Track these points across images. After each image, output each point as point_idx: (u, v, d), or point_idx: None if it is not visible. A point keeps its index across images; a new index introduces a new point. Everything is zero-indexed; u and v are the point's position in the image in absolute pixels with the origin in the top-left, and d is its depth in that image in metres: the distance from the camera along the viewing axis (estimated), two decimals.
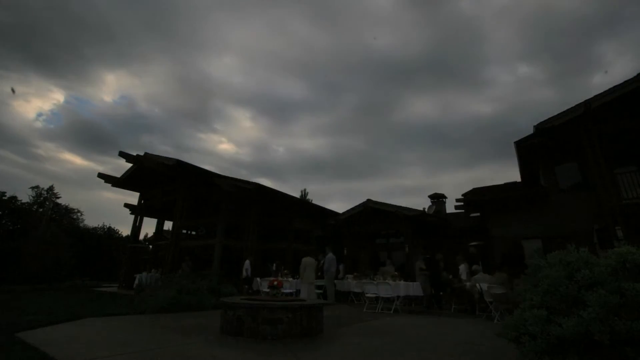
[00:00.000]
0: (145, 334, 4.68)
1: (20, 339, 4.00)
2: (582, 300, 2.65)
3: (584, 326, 2.46)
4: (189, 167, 12.24)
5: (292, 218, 15.54)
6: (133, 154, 13.64)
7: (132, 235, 16.02)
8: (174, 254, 12.64)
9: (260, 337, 4.36)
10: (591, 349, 2.48)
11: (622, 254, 2.77)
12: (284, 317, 4.48)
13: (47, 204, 24.04)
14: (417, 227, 12.61)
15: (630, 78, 7.96)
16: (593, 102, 8.15)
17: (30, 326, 4.77)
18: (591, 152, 8.43)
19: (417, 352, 3.94)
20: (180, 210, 13.22)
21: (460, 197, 12.09)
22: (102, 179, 14.98)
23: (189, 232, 17.07)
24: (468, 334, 5.23)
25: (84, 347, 3.74)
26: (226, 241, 12.53)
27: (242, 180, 12.26)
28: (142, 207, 15.82)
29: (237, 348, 3.94)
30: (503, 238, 11.15)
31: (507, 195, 11.70)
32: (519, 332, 2.84)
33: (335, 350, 3.98)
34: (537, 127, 9.02)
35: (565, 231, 9.42)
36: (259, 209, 13.69)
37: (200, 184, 13.05)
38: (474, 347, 4.22)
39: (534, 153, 10.73)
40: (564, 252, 3.16)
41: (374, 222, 13.37)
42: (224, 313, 4.79)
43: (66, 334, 4.45)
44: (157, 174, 13.46)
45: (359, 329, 5.51)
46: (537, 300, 2.94)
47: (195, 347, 3.89)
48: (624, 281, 2.58)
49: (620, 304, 2.46)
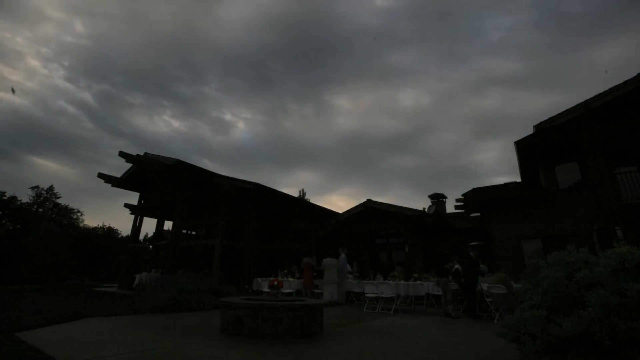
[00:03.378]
0: (145, 334, 4.68)
1: (20, 339, 4.00)
2: (582, 300, 2.64)
3: (584, 326, 2.46)
4: (189, 167, 12.24)
5: (292, 218, 15.54)
6: (133, 154, 13.65)
7: (132, 235, 16.03)
8: (174, 254, 12.64)
9: (260, 337, 4.36)
10: (591, 349, 2.48)
11: (622, 254, 2.76)
12: (283, 317, 4.48)
13: (47, 204, 24.03)
14: (417, 227, 12.61)
15: (630, 78, 7.96)
16: (593, 102, 8.16)
17: (30, 326, 4.77)
18: (591, 152, 8.43)
19: (417, 352, 3.94)
20: (180, 210, 13.22)
21: (460, 197, 12.09)
22: (102, 179, 14.99)
23: (189, 232, 17.08)
24: (468, 334, 5.23)
25: (84, 347, 3.74)
26: (226, 241, 12.53)
27: (242, 180, 12.27)
28: (142, 207, 15.83)
29: (236, 348, 3.94)
30: (503, 238, 11.15)
31: (507, 195, 11.70)
32: (519, 332, 2.84)
33: (335, 350, 3.98)
34: (537, 127, 9.03)
35: (565, 231, 9.42)
36: (259, 209, 13.69)
37: (200, 184, 13.04)
38: (473, 347, 4.22)
39: (534, 153, 10.73)
40: (564, 252, 3.16)
41: (374, 222, 13.37)
42: (224, 313, 4.79)
43: (66, 334, 4.45)
44: (157, 174, 13.47)
45: (359, 329, 5.51)
46: (537, 300, 2.94)
47: (195, 347, 3.89)
48: (624, 281, 2.58)
49: (620, 304, 2.46)
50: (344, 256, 10.05)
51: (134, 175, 14.80)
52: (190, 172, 12.55)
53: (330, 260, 9.55)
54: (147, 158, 12.95)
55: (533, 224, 10.68)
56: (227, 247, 12.74)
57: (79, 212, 25.99)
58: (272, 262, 14.30)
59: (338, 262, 9.73)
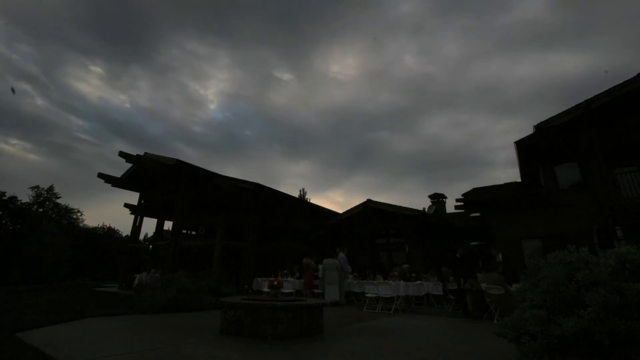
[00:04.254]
0: (145, 334, 4.68)
1: (20, 339, 4.00)
2: (582, 300, 2.65)
3: (584, 326, 2.46)
4: (189, 167, 12.25)
5: (292, 218, 15.54)
6: (133, 154, 13.65)
7: (132, 235, 16.03)
8: (174, 254, 12.64)
9: (260, 337, 4.36)
10: (591, 349, 2.48)
11: (622, 254, 2.77)
12: (283, 317, 4.48)
13: (47, 204, 24.04)
14: (417, 227, 12.61)
15: (630, 78, 7.97)
16: (593, 102, 8.16)
17: (30, 326, 4.77)
18: (591, 152, 8.43)
19: (417, 352, 3.94)
20: (180, 210, 13.22)
21: (460, 197, 12.09)
22: (102, 179, 14.98)
23: (189, 232, 17.07)
24: (468, 334, 5.23)
25: (84, 347, 3.74)
26: (226, 241, 12.53)
27: (242, 180, 12.27)
28: (142, 207, 15.83)
29: (236, 348, 3.94)
30: (503, 238, 11.15)
31: (507, 195, 11.70)
32: (519, 332, 2.84)
33: (335, 350, 3.97)
34: (537, 127, 9.03)
35: (565, 231, 9.42)
36: (259, 209, 13.69)
37: (200, 184, 13.05)
38: (474, 347, 4.22)
39: (534, 153, 10.74)
40: (564, 252, 3.16)
41: (374, 222, 13.37)
42: (224, 313, 4.79)
43: (66, 334, 4.45)
44: (157, 174, 13.47)
45: (359, 329, 5.50)
46: (537, 300, 2.94)
47: (195, 347, 3.89)
48: (624, 281, 2.58)
49: (620, 304, 2.46)
50: (343, 255, 10.01)
51: (134, 175, 14.80)
52: (191, 172, 12.55)
53: (331, 261, 9.55)
54: (147, 158, 12.96)
55: (533, 224, 10.68)
56: (227, 247, 12.74)
57: (79, 212, 26.02)
58: (272, 262, 14.30)
59: (339, 262, 9.73)
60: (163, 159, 12.25)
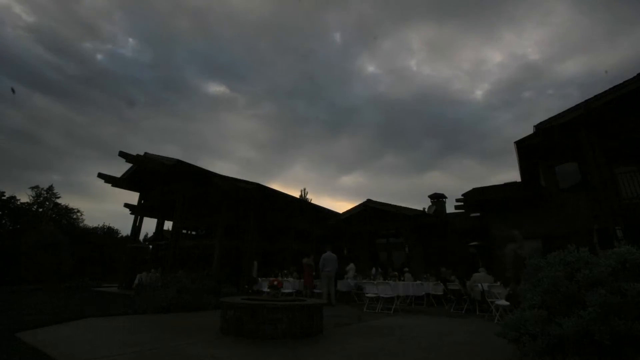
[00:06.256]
0: (145, 334, 4.68)
1: (20, 339, 4.00)
2: (582, 300, 2.65)
3: (584, 326, 2.46)
4: (189, 167, 12.24)
5: (292, 218, 15.54)
6: (133, 154, 13.64)
7: (132, 235, 16.02)
8: (174, 254, 12.64)
9: (260, 337, 4.36)
10: (591, 349, 2.48)
11: (622, 254, 2.77)
12: (284, 317, 4.48)
13: (47, 204, 24.04)
14: (417, 227, 12.62)
15: (630, 78, 7.96)
16: (593, 102, 8.15)
17: (30, 326, 4.77)
18: (591, 152, 8.42)
19: (417, 352, 3.94)
20: (180, 210, 13.21)
21: (460, 197, 12.09)
22: (102, 179, 14.98)
23: (189, 232, 17.06)
24: (468, 334, 5.23)
25: (84, 347, 3.74)
26: (226, 241, 12.52)
27: (242, 180, 12.26)
28: (142, 207, 15.82)
29: (236, 348, 3.94)
30: (503, 238, 11.14)
31: (507, 195, 11.69)
32: (519, 332, 2.84)
33: (335, 350, 3.97)
34: (537, 127, 9.03)
35: (565, 231, 9.41)
36: (259, 209, 13.69)
37: (200, 184, 13.04)
38: (474, 347, 4.22)
39: (534, 153, 10.73)
40: (564, 252, 3.16)
41: (374, 222, 13.37)
42: (224, 313, 4.79)
43: (66, 334, 4.45)
44: (157, 174, 13.46)
45: (359, 329, 5.51)
46: (537, 300, 2.94)
47: (195, 347, 3.89)
48: (624, 281, 2.58)
49: (620, 304, 2.46)
50: (329, 254, 9.68)
51: (133, 175, 14.79)
52: (190, 172, 12.55)
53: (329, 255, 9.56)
54: (147, 158, 12.95)
55: (533, 224, 10.67)
56: (227, 247, 12.73)
57: (79, 212, 26.02)
58: (272, 262, 14.30)
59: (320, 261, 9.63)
60: (163, 159, 12.25)
